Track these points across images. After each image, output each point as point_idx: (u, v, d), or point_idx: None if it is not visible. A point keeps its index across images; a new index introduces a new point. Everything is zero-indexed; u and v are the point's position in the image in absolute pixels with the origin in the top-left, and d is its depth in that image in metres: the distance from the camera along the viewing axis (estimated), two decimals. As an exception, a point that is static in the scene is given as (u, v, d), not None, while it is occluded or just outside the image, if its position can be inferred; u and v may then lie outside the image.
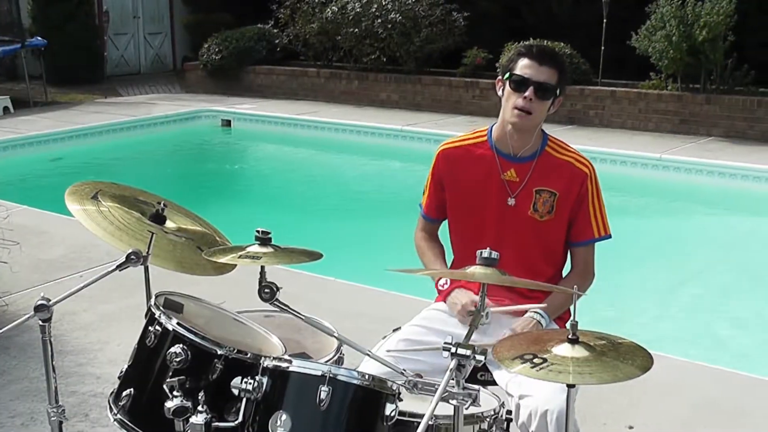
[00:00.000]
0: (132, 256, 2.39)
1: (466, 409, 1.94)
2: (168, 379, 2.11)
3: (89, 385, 3.74)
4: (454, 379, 1.89)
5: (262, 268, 2.17)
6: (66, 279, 5.05)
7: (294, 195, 9.07)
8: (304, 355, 2.50)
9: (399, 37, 12.12)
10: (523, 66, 2.64)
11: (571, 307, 2.59)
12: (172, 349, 2.14)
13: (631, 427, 3.45)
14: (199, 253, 2.51)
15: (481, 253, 2.06)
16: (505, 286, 2.67)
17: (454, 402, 1.92)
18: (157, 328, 2.21)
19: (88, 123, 10.96)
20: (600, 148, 8.90)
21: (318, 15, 12.86)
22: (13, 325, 2.39)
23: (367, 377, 2.03)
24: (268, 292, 2.16)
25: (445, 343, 1.91)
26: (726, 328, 5.31)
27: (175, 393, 2.09)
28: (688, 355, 4.25)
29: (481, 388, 2.10)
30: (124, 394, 2.22)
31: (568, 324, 1.96)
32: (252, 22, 13.96)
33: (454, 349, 1.89)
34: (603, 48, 10.79)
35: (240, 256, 2.21)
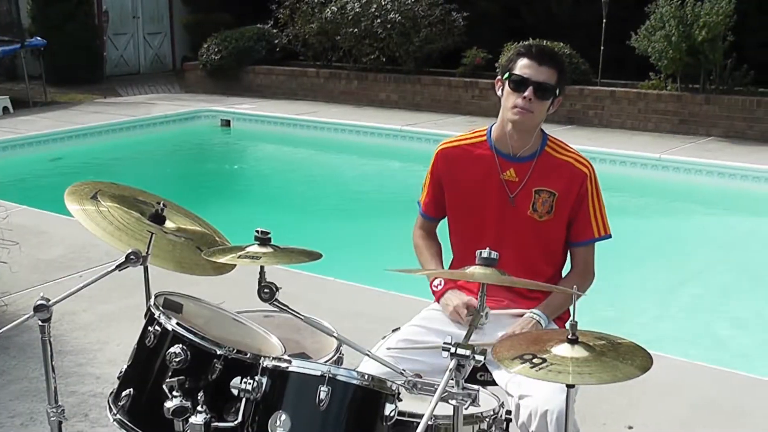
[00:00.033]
0: (131, 256, 2.39)
1: (466, 409, 1.94)
2: (167, 379, 2.11)
3: (89, 385, 3.74)
4: (453, 379, 1.89)
5: (262, 268, 2.17)
6: (65, 279, 5.05)
7: (293, 195, 9.07)
8: (304, 355, 2.50)
9: (398, 37, 12.12)
10: (522, 66, 2.64)
11: (570, 307, 2.59)
12: (172, 349, 2.14)
13: (630, 427, 3.45)
14: (198, 253, 2.51)
15: (481, 253, 2.07)
16: (505, 286, 2.67)
17: (454, 402, 1.92)
18: (156, 328, 2.21)
19: (87, 123, 10.96)
20: (599, 148, 8.89)
21: (317, 15, 12.86)
22: (12, 325, 2.39)
23: (366, 377, 2.02)
24: (267, 292, 2.16)
25: (444, 343, 1.91)
26: (726, 328, 5.31)
27: (174, 393, 2.09)
28: (687, 355, 4.25)
29: (481, 388, 2.11)
30: (124, 394, 2.22)
31: (567, 324, 1.96)
32: (251, 22, 13.96)
33: (453, 349, 1.88)
34: (602, 48, 10.79)
35: (239, 256, 2.21)
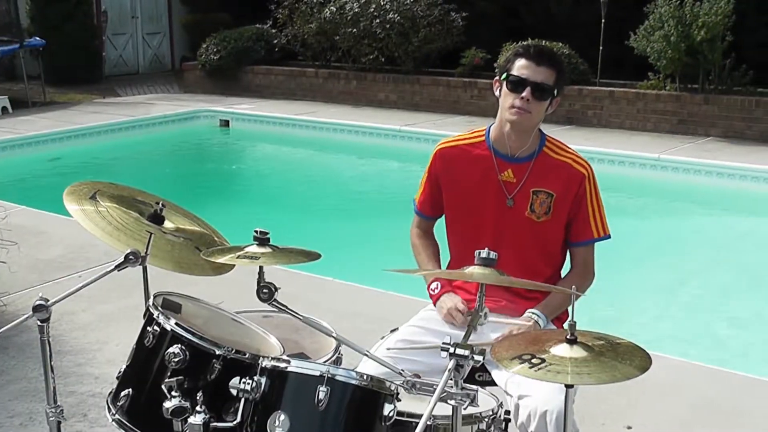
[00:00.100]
0: (130, 257, 2.39)
1: (465, 409, 1.94)
2: (166, 380, 2.11)
3: (88, 385, 3.74)
4: (452, 380, 1.89)
5: (261, 268, 2.17)
6: (64, 279, 5.05)
7: (292, 195, 9.07)
8: (303, 356, 2.50)
9: (397, 37, 12.12)
10: (520, 66, 2.63)
11: (569, 307, 2.59)
12: (171, 349, 2.14)
13: (629, 427, 3.45)
14: (197, 254, 2.51)
15: (480, 253, 2.06)
16: (503, 287, 2.67)
17: (453, 402, 1.91)
18: (155, 328, 2.21)
19: (86, 123, 10.95)
20: (598, 148, 8.90)
21: (316, 15, 12.86)
22: (11, 325, 2.39)
23: (365, 377, 2.02)
24: (266, 292, 2.16)
25: (443, 343, 1.91)
26: (725, 328, 5.32)
27: (173, 393, 2.08)
28: (687, 355, 4.25)
29: (480, 389, 2.11)
30: (123, 394, 2.21)
31: (566, 324, 1.96)
32: (250, 22, 13.96)
33: (452, 349, 1.88)
34: (601, 48, 10.79)
35: (238, 257, 2.21)
